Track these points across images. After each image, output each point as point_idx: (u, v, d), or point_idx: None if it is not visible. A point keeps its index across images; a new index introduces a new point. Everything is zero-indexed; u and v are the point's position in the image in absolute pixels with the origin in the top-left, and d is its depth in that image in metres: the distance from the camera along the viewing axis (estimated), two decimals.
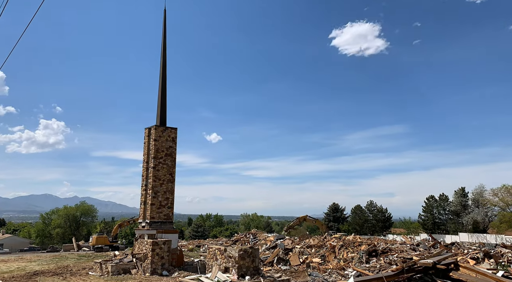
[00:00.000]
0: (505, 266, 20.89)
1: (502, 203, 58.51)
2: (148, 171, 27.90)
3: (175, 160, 28.66)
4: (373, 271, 20.87)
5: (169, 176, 28.11)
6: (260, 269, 21.10)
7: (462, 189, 64.88)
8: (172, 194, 28.12)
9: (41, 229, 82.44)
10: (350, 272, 22.44)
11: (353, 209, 77.02)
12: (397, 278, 16.36)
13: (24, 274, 24.33)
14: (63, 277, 23.51)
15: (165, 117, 29.41)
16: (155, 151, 27.75)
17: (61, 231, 79.00)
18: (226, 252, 20.39)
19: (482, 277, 15.92)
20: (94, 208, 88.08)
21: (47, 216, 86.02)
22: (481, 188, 62.27)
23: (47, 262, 33.28)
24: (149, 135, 28.72)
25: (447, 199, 66.83)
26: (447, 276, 16.43)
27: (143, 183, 28.26)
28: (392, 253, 27.00)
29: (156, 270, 23.39)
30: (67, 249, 53.39)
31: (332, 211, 77.27)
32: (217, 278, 18.97)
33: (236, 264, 19.57)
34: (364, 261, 25.61)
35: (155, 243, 24.02)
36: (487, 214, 60.14)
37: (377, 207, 75.12)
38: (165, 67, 30.61)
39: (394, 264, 22.03)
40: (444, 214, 67.11)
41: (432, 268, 16.55)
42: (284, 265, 27.46)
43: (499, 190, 59.25)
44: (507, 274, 17.52)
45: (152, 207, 26.96)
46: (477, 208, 60.89)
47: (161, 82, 30.24)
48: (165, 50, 31.02)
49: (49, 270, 26.53)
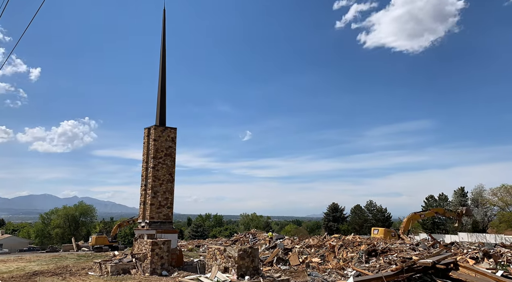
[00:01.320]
0: (504, 266, 20.91)
1: (502, 203, 58.59)
2: (148, 171, 27.88)
3: (174, 160, 28.64)
4: (372, 271, 20.88)
5: (168, 176, 28.10)
6: (259, 269, 21.09)
7: (461, 189, 64.93)
8: (171, 194, 28.11)
9: (41, 229, 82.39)
10: (349, 272, 22.44)
11: (352, 209, 77.08)
12: (397, 278, 16.36)
13: (24, 274, 24.30)
14: (62, 277, 23.48)
15: (164, 117, 29.40)
16: (154, 151, 27.73)
17: (61, 231, 78.95)
18: (226, 252, 20.39)
19: (481, 277, 15.92)
20: (93, 208, 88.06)
21: (46, 216, 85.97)
22: (481, 187, 62.42)
23: (46, 262, 33.25)
24: (148, 135, 28.70)
25: (446, 199, 66.89)
26: (446, 276, 16.43)
27: (142, 183, 28.25)
28: (391, 253, 27.00)
29: (155, 270, 23.38)
30: (67, 249, 53.34)
31: (332, 211, 77.29)
32: (216, 278, 18.96)
33: (235, 264, 19.56)
34: (364, 261, 25.61)
35: (154, 243, 24.01)
36: (487, 214, 60.22)
37: (376, 207, 75.20)
38: (164, 67, 30.59)
39: (393, 263, 22.04)
40: None
41: (431, 268, 16.55)
42: (284, 265, 27.45)
43: (498, 189, 59.35)
44: (506, 273, 17.52)
45: (152, 207, 26.94)
46: (477, 208, 60.95)
47: (160, 82, 30.22)
48: (164, 50, 30.99)
49: (49, 270, 26.50)
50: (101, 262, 25.20)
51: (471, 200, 63.02)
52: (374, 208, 75.13)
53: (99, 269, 24.64)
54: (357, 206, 76.96)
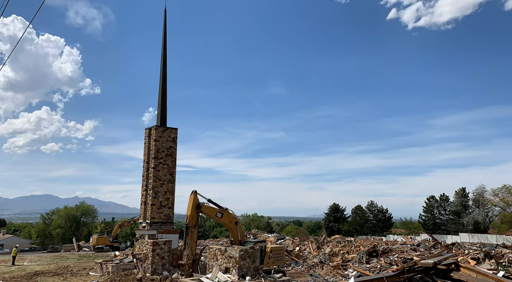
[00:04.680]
0: (505, 267, 20.86)
1: (503, 203, 58.46)
2: (149, 171, 27.90)
3: (175, 160, 28.67)
4: (373, 272, 20.85)
5: (169, 176, 28.11)
6: (260, 269, 21.08)
7: (462, 189, 64.77)
8: (172, 194, 28.13)
9: (42, 229, 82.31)
10: (350, 272, 22.42)
11: (353, 209, 76.97)
12: (398, 278, 16.34)
13: (25, 274, 24.34)
14: (63, 277, 23.53)
15: (165, 117, 29.40)
16: (155, 151, 27.75)
17: (62, 231, 78.89)
18: (227, 252, 20.39)
19: (482, 278, 15.89)
20: (94, 208, 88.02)
21: (47, 216, 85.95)
22: (482, 188, 62.21)
23: (47, 262, 33.30)
24: (149, 136, 28.71)
25: (447, 199, 66.73)
26: (447, 277, 16.40)
27: (143, 183, 28.27)
28: (392, 253, 26.98)
29: (156, 270, 23.39)
30: (68, 249, 53.37)
31: (333, 211, 77.18)
32: (217, 278, 18.96)
33: (236, 265, 19.57)
34: (365, 262, 25.58)
35: (155, 243, 24.03)
36: (488, 214, 60.08)
37: (377, 207, 75.10)
38: (165, 67, 30.56)
39: (394, 264, 22.01)
40: (445, 214, 67.02)
41: (432, 269, 16.53)
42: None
43: (499, 190, 59.20)
44: (507, 274, 17.48)
45: (153, 207, 26.96)
46: (478, 208, 60.82)
47: (161, 82, 30.21)
48: (165, 50, 30.96)
49: (50, 270, 26.55)
50: (102, 262, 25.25)
51: (472, 201, 62.88)
52: (375, 208, 75.05)
53: (100, 270, 24.68)
54: (358, 206, 76.84)
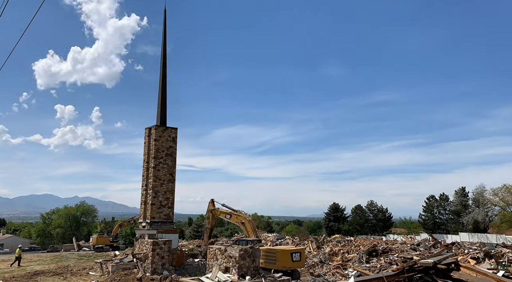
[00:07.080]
0: (505, 266, 20.88)
1: (503, 203, 58.44)
2: (149, 171, 27.89)
3: (175, 160, 28.67)
4: (373, 271, 20.85)
5: (169, 175, 28.11)
6: (260, 269, 21.09)
7: (462, 189, 64.81)
8: (172, 194, 28.12)
9: (42, 229, 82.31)
10: (350, 272, 22.44)
11: (353, 209, 76.96)
12: (398, 278, 16.34)
13: (25, 274, 24.35)
14: (63, 277, 23.54)
15: (165, 117, 29.38)
16: (155, 151, 27.74)
17: (62, 231, 78.88)
18: (227, 252, 20.40)
19: (482, 277, 15.89)
20: (94, 208, 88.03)
21: (47, 216, 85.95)
22: (482, 187, 62.20)
23: (47, 262, 33.31)
24: (149, 135, 28.70)
25: (447, 199, 66.73)
26: (447, 276, 16.40)
27: (143, 183, 28.26)
28: (392, 253, 26.99)
29: (156, 270, 23.39)
30: (68, 249, 53.35)
31: (333, 211, 77.19)
32: (217, 278, 18.97)
33: (236, 264, 19.58)
34: (365, 261, 25.60)
35: (155, 243, 24.03)
36: (488, 214, 60.05)
37: (377, 207, 75.11)
38: (165, 67, 30.55)
39: (394, 264, 22.02)
40: (445, 213, 67.04)
41: (432, 268, 16.53)
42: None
43: (499, 189, 59.17)
44: (507, 274, 17.49)
45: (153, 207, 26.96)
46: (478, 208, 60.81)
47: (161, 82, 30.20)
48: (165, 50, 30.95)
49: (50, 270, 26.55)
50: (102, 262, 25.26)
51: (472, 200, 62.88)
52: (375, 208, 75.06)
53: (100, 269, 24.68)
54: (357, 206, 76.85)
